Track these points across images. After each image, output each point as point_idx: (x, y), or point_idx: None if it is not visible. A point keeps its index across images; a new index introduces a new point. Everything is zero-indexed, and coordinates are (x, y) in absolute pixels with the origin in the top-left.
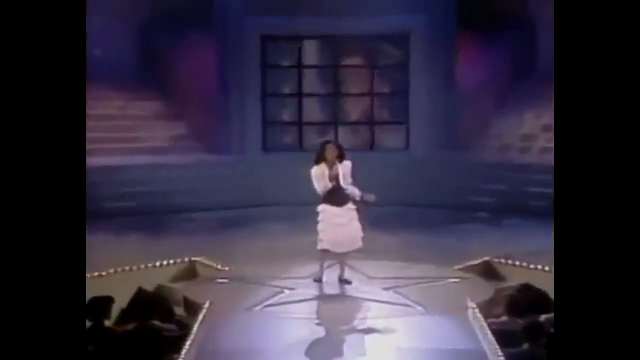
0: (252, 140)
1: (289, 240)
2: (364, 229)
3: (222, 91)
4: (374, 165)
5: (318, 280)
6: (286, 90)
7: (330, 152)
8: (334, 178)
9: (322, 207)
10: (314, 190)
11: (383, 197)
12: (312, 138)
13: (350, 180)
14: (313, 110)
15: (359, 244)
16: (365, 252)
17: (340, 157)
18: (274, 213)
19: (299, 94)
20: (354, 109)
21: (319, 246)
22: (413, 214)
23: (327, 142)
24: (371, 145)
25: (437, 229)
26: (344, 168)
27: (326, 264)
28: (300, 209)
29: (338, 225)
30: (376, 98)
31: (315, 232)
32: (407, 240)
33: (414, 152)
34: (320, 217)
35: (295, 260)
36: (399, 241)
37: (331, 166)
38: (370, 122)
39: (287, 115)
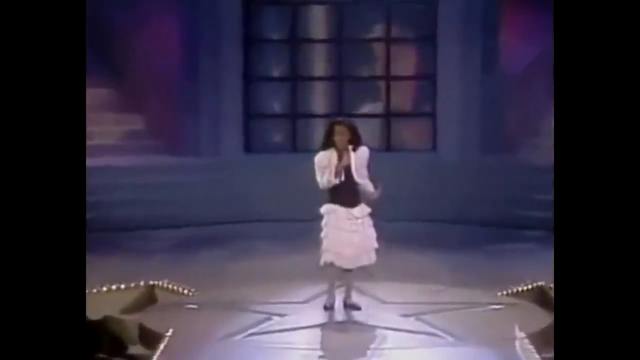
0: (231, 138)
1: (279, 261)
2: (378, 239)
3: (190, 74)
4: (391, 171)
5: (330, 307)
6: (276, 72)
7: (341, 135)
8: (344, 170)
9: (328, 208)
10: (312, 201)
11: (403, 211)
12: (309, 135)
13: (366, 173)
14: (311, 99)
15: (371, 258)
16: (380, 274)
17: (355, 143)
18: (259, 230)
19: (293, 78)
20: (364, 97)
21: (323, 259)
22: (443, 232)
23: (337, 121)
24: (387, 145)
25: (476, 249)
26: (359, 157)
27: (337, 284)
28: (293, 226)
29: (347, 232)
30: (394, 83)
31: (312, 250)
32: (435, 262)
33: (444, 154)
34: (324, 221)
35: (287, 283)
36: (425, 262)
37: (341, 154)
38: (386, 113)
39: (277, 105)
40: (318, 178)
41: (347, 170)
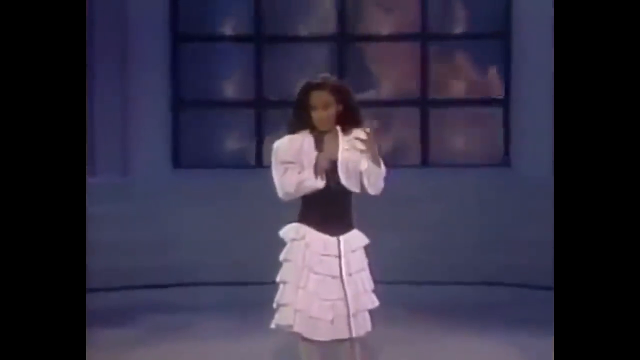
0: (153, 146)
1: (227, 345)
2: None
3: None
4: (432, 199)
5: None
6: (228, 29)
7: (322, 107)
8: (330, 170)
9: (293, 230)
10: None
11: (455, 267)
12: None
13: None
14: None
15: (365, 325)
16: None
17: (347, 120)
18: (195, 297)
19: (258, 38)
20: (383, 74)
21: (275, 320)
22: (521, 299)
23: (314, 84)
24: (424, 155)
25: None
26: (352, 142)
27: None
28: (249, 291)
29: (321, 275)
30: (434, 47)
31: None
32: (508, 344)
33: (523, 169)
34: (284, 254)
35: None
36: (490, 345)
37: (321, 140)
38: (420, 100)
39: (228, 88)
40: (276, 180)
41: (332, 167)
